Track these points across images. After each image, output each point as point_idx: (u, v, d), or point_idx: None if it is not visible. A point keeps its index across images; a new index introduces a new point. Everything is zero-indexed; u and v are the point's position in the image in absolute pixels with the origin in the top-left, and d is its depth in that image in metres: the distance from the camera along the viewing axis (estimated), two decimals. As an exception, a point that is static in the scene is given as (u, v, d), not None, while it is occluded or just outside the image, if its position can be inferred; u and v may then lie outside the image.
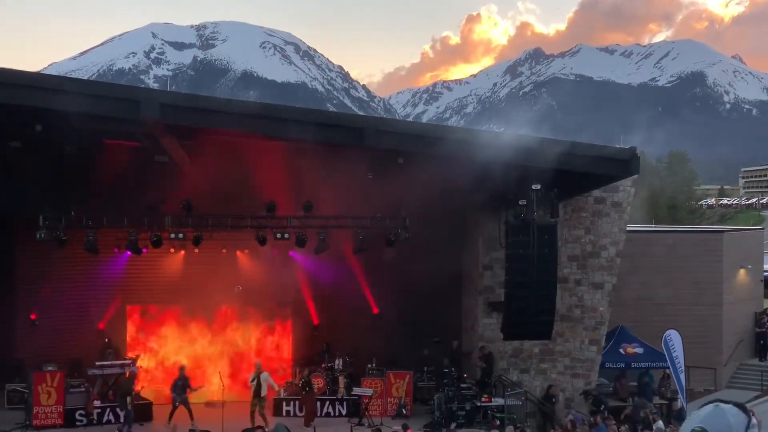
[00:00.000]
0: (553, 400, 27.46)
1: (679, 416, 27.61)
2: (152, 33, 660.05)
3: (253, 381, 26.21)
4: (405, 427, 22.84)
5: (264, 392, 26.00)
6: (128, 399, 25.17)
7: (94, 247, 25.64)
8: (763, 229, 56.41)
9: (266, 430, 21.15)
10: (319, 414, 27.40)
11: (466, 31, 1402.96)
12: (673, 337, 29.52)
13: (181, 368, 27.34)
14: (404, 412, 27.44)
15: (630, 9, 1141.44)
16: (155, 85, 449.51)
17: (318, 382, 28.06)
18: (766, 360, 38.26)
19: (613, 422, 24.71)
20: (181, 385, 26.63)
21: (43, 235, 24.87)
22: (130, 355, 28.71)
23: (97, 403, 26.43)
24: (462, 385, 26.71)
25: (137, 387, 27.08)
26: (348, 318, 29.69)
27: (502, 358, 28.24)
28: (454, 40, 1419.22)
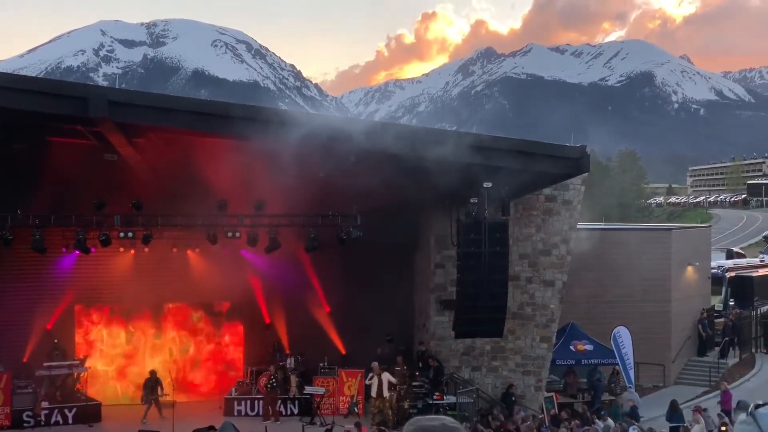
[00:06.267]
0: (513, 398, 27.60)
1: (633, 413, 27.90)
2: (101, 30, 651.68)
3: (370, 380, 26.52)
4: (358, 426, 22.83)
5: (386, 393, 26.28)
6: None
7: (40, 246, 25.27)
8: (710, 226, 57.29)
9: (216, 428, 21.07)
10: (270, 413, 27.35)
11: (422, 30, 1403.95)
12: (622, 333, 29.86)
13: (152, 371, 27.68)
14: (356, 410, 27.43)
15: (584, 8, 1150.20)
16: (105, 83, 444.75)
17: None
18: (707, 355, 38.78)
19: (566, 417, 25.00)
20: (152, 386, 27.04)
21: (-12, 235, 24.48)
22: (78, 355, 28.47)
23: (44, 404, 26.11)
24: (414, 383, 26.74)
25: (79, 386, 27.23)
26: (299, 317, 29.56)
27: (454, 356, 28.32)
28: (409, 38, 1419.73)
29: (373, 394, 26.71)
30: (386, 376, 26.43)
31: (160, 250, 27.86)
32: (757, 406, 4.13)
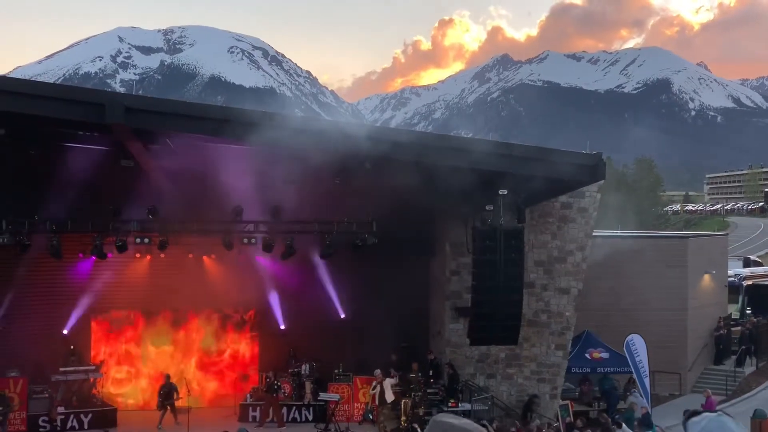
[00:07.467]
0: (533, 408, 27.41)
1: (645, 421, 27.76)
2: (119, 37, 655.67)
3: (374, 389, 26.91)
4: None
5: (389, 398, 26.64)
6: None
7: (57, 251, 25.36)
8: (727, 234, 56.99)
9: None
10: (285, 419, 27.37)
11: (438, 36, 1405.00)
12: (636, 341, 29.65)
13: (167, 376, 27.75)
14: (371, 417, 27.40)
15: (601, 15, 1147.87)
16: (122, 90, 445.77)
17: (285, 388, 28.01)
18: (723, 364, 38.57)
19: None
20: (167, 391, 27.14)
21: (5, 240, 24.55)
22: (94, 361, 28.56)
23: (60, 409, 26.20)
24: (429, 390, 26.70)
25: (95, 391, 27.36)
26: (315, 323, 29.56)
27: (469, 364, 28.24)
28: (426, 45, 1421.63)
29: (377, 402, 26.79)
30: (387, 383, 26.54)
31: (176, 256, 27.92)
32: (690, 414, 4.15)
